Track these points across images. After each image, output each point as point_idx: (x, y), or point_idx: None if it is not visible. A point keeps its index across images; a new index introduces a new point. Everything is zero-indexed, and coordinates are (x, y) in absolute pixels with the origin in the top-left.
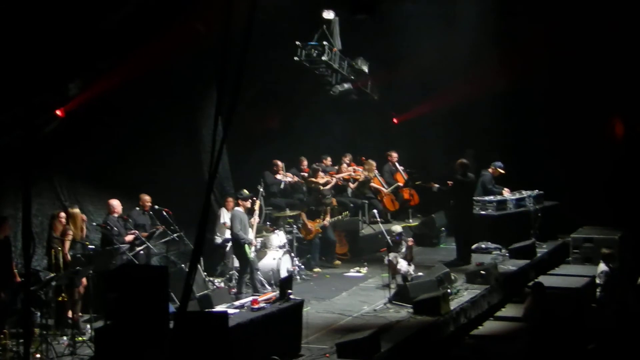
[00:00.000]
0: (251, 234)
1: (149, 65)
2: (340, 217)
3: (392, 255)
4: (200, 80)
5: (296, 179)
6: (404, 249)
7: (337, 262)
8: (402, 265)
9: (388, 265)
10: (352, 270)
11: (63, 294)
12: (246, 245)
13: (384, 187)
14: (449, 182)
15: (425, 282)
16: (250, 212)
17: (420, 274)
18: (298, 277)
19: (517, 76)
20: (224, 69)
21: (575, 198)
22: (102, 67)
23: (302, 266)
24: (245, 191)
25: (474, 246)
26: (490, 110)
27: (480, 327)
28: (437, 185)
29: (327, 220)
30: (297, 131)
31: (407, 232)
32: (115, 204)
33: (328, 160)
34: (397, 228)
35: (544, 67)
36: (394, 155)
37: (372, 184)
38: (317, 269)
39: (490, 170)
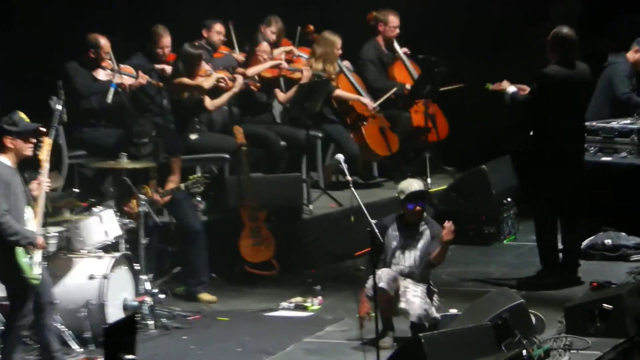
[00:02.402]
0: (32, 221)
1: None
2: (188, 182)
3: (386, 275)
4: None
5: (145, 79)
6: (421, 244)
7: (207, 296)
8: (412, 297)
9: (366, 298)
10: (284, 303)
11: None
12: (19, 249)
13: (363, 97)
14: (522, 87)
15: (466, 333)
16: (32, 164)
17: (452, 311)
18: (151, 322)
19: None
20: None
21: None
22: None
23: (163, 294)
24: (21, 115)
25: (586, 241)
26: None
27: None
28: (512, 89)
29: (169, 187)
30: None
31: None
32: None
33: (218, 29)
34: (413, 185)
35: None
36: (391, 21)
37: (337, 92)
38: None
39: (630, 54)
